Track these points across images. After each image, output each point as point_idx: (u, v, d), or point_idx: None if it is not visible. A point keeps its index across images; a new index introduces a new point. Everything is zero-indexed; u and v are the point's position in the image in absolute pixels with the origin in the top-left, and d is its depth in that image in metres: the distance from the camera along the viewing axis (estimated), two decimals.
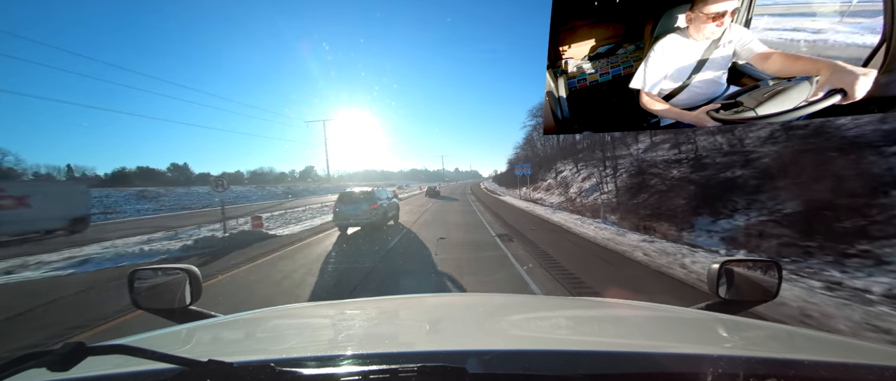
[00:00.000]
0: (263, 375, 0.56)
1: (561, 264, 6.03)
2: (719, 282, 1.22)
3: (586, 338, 1.03)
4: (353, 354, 0.74)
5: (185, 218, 20.21)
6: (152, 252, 8.48)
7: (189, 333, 1.05)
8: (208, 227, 13.01)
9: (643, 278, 5.34)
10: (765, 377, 0.60)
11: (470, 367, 0.60)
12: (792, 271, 5.14)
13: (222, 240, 9.45)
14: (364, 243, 8.57)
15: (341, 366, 0.65)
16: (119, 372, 0.65)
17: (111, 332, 3.79)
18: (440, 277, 5.51)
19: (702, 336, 0.98)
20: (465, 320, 1.18)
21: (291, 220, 15.56)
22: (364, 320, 1.24)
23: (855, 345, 0.88)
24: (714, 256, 6.46)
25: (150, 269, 1.37)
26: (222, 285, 5.39)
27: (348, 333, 1.09)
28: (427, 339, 0.98)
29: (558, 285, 4.95)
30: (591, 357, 0.70)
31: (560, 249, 7.49)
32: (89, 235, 13.72)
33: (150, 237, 11.16)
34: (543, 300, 2.13)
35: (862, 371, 0.64)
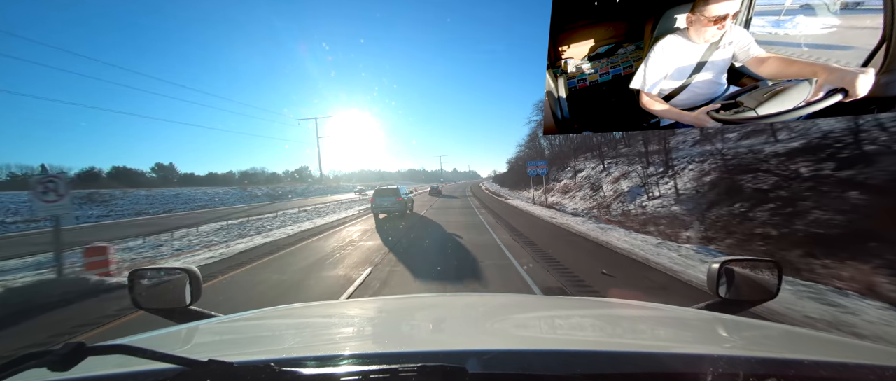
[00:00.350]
0: (263, 375, 0.56)
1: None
2: (719, 282, 1.22)
3: (586, 338, 1.03)
4: (353, 354, 0.74)
5: (79, 233, 13.41)
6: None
7: (189, 333, 1.05)
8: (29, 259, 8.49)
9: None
10: (765, 377, 0.60)
11: (470, 367, 0.60)
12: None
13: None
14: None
15: (341, 366, 0.65)
16: (119, 372, 0.65)
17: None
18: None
19: (702, 336, 0.98)
20: (466, 320, 1.18)
21: (216, 242, 10.56)
22: (364, 320, 1.24)
23: (855, 345, 0.88)
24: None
25: (151, 269, 1.37)
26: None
27: (348, 333, 1.09)
28: (427, 339, 0.98)
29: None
30: (590, 357, 0.70)
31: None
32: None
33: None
34: (543, 300, 2.13)
35: (862, 371, 0.64)
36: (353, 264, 6.88)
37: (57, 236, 6.24)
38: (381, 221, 14.28)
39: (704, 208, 9.89)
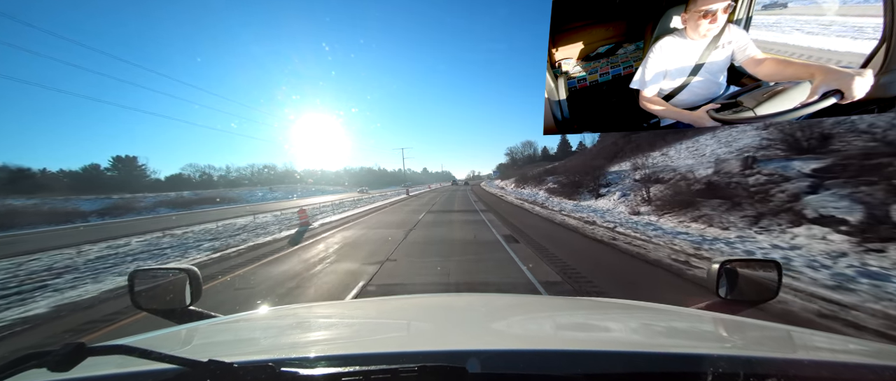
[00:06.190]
0: (263, 375, 0.56)
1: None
2: (719, 282, 1.23)
3: (586, 338, 1.03)
4: (354, 354, 0.74)
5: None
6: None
7: (189, 333, 1.06)
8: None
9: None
10: (765, 377, 0.60)
11: (470, 367, 0.60)
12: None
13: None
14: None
15: (341, 366, 0.65)
16: (119, 372, 0.65)
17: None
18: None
19: (702, 336, 0.98)
20: (466, 320, 1.18)
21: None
22: (364, 319, 1.24)
23: (855, 345, 0.88)
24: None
25: (151, 270, 1.37)
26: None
27: (348, 333, 1.09)
28: (427, 339, 0.98)
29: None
30: (591, 357, 0.70)
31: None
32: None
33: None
34: (544, 300, 2.13)
35: (862, 371, 0.64)
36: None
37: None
38: None
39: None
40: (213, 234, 12.90)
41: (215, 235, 12.63)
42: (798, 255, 5.69)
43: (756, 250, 6.33)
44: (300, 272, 6.33)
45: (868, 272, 4.70)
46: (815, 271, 4.93)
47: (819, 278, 4.66)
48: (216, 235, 12.62)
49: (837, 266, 5.03)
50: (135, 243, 11.67)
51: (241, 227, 14.76)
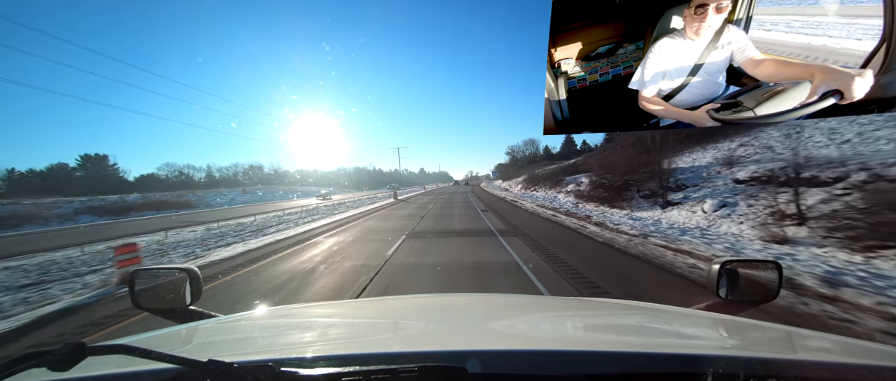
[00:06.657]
0: (263, 375, 0.56)
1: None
2: (719, 282, 1.23)
3: (586, 338, 1.03)
4: (354, 354, 0.74)
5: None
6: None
7: (189, 333, 1.05)
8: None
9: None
10: (765, 377, 0.60)
11: (470, 367, 0.60)
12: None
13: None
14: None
15: (341, 366, 0.65)
16: (119, 372, 0.65)
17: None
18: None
19: (702, 336, 0.98)
20: (466, 320, 1.18)
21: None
22: (364, 319, 1.24)
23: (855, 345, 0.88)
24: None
25: (151, 270, 1.37)
26: None
27: (348, 333, 1.09)
28: (427, 339, 0.98)
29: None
30: (591, 357, 0.70)
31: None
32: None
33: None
34: (544, 301, 2.13)
35: (862, 371, 0.64)
36: None
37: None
38: None
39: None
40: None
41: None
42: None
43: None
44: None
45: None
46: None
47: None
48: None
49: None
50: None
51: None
